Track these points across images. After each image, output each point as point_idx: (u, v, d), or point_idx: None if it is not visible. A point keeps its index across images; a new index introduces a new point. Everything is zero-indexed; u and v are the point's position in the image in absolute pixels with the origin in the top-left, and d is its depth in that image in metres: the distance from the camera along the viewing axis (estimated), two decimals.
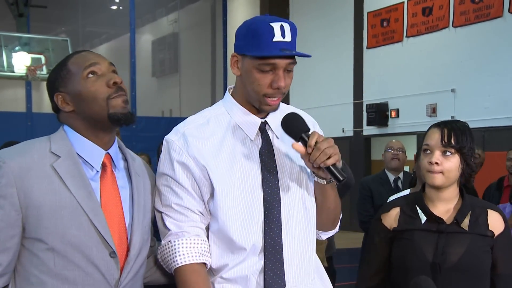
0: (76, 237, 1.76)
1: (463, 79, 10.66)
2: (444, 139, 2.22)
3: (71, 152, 1.83)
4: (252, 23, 1.93)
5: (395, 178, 5.46)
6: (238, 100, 2.02)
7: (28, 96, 13.81)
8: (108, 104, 1.83)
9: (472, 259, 2.23)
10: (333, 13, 13.75)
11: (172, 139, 1.97)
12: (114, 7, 18.22)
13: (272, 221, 1.92)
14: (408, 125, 11.76)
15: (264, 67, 1.89)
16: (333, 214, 2.09)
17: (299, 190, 2.00)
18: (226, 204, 1.92)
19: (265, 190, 1.94)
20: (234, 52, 1.99)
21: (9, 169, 1.74)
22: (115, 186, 1.89)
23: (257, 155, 1.96)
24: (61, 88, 1.88)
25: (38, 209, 1.75)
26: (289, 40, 1.90)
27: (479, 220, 2.29)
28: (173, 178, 1.95)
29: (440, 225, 2.26)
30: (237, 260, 1.92)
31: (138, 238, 1.88)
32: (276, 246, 1.92)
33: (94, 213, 1.79)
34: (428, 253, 2.24)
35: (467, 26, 10.68)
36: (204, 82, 17.37)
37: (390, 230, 2.35)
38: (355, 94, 13.28)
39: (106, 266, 1.80)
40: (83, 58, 1.90)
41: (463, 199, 2.32)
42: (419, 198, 2.35)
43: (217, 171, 1.92)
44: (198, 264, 1.91)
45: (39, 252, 1.77)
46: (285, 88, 1.93)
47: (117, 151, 1.95)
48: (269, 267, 1.91)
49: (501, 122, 9.83)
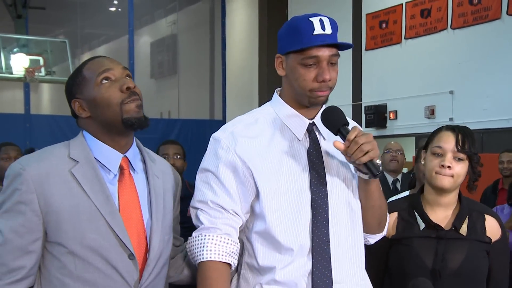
0: (94, 240, 1.81)
1: (461, 81, 10.66)
2: (459, 144, 2.21)
3: (89, 157, 1.88)
4: (291, 21, 1.98)
5: (393, 180, 5.47)
6: (286, 101, 2.03)
7: (26, 98, 13.77)
8: (122, 109, 1.87)
9: (471, 265, 2.23)
10: (332, 15, 13.54)
11: (220, 136, 1.99)
12: (113, 8, 18.19)
13: (319, 221, 1.93)
14: (406, 127, 11.75)
15: (307, 61, 1.91)
16: (378, 213, 2.07)
17: (345, 191, 2.01)
18: (273, 204, 1.93)
19: (313, 190, 1.94)
20: (278, 53, 2.01)
21: (28, 176, 1.80)
22: (133, 188, 1.93)
23: (305, 155, 1.97)
24: (77, 95, 1.93)
25: (57, 214, 1.80)
26: (329, 32, 1.94)
27: (477, 225, 2.29)
28: (215, 175, 1.96)
29: (439, 232, 2.26)
30: (285, 261, 1.92)
31: (158, 239, 1.92)
32: (324, 246, 1.93)
33: (111, 217, 1.83)
34: (428, 260, 2.24)
35: (465, 28, 10.68)
36: (203, 83, 17.35)
37: (389, 238, 2.34)
38: (353, 95, 13.27)
39: (125, 268, 1.84)
40: (97, 64, 1.93)
41: (461, 204, 2.32)
42: (417, 203, 2.33)
43: (263, 171, 1.93)
44: (223, 264, 1.92)
45: (60, 256, 1.82)
46: (331, 82, 1.96)
47: (135, 154, 1.99)
48: (318, 267, 1.92)
49: (499, 124, 9.83)
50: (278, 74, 2.04)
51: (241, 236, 2.03)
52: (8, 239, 1.79)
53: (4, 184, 1.87)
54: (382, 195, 2.08)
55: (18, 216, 1.80)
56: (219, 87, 16.66)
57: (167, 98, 17.81)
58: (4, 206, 1.83)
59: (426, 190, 2.34)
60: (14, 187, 1.81)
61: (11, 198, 1.81)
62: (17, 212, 1.80)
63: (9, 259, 1.80)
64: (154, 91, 18.96)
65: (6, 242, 1.80)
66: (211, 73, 17.35)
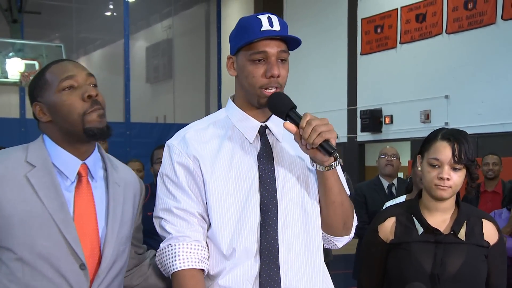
0: (45, 248, 1.75)
1: (456, 85, 10.70)
2: (455, 155, 2.20)
3: (47, 162, 1.83)
4: (240, 21, 1.97)
5: (389, 184, 5.46)
6: (238, 104, 2.02)
7: (21, 102, 13.77)
8: (84, 119, 1.82)
9: (470, 269, 2.23)
10: (327, 20, 13.78)
11: (173, 143, 2.00)
12: (108, 13, 18.19)
13: (268, 224, 1.90)
14: (402, 131, 11.78)
15: (255, 56, 1.90)
16: (339, 210, 2.00)
17: (298, 193, 1.98)
18: (219, 207, 1.92)
19: (262, 193, 1.92)
20: (229, 55, 2.01)
21: None
22: (90, 196, 1.87)
23: (255, 158, 1.95)
24: (38, 98, 1.88)
25: (8, 219, 1.74)
26: (277, 29, 1.91)
27: (475, 230, 2.29)
28: (172, 180, 1.96)
29: (438, 236, 2.25)
30: (231, 264, 1.90)
31: (111, 249, 1.86)
32: (272, 250, 1.90)
33: (65, 225, 1.77)
34: (427, 264, 2.23)
35: (460, 32, 10.72)
36: (198, 88, 17.36)
37: (387, 242, 2.33)
38: (349, 100, 13.29)
39: (76, 278, 1.78)
40: (60, 68, 1.87)
41: (459, 208, 2.31)
42: (415, 207, 2.33)
43: (213, 175, 1.92)
44: (197, 270, 1.90)
45: (8, 261, 1.76)
46: (281, 78, 1.92)
47: (95, 161, 1.93)
48: (265, 270, 1.89)
49: (494, 128, 9.86)
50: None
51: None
52: None
53: None
54: (344, 192, 2.01)
55: None
56: (215, 91, 16.67)
57: (163, 103, 17.80)
58: None
59: (424, 196, 2.33)
60: None
61: None
62: None
63: None
64: (149, 95, 18.96)
65: None
66: (206, 78, 17.36)
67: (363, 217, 5.13)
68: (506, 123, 9.72)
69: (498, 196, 6.09)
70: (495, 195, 6.17)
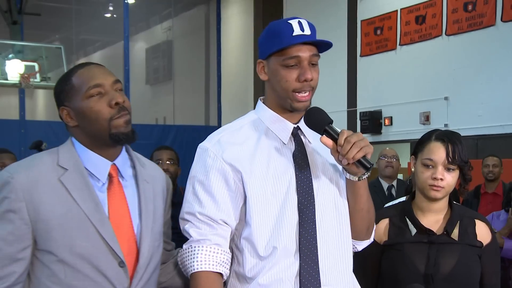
0: (84, 248, 1.80)
1: (456, 87, 10.69)
2: (449, 156, 2.22)
3: (78, 164, 1.87)
4: (271, 26, 2.00)
5: (389, 186, 5.47)
6: (270, 107, 2.04)
7: (21, 104, 13.75)
8: (110, 124, 1.86)
9: (464, 269, 2.24)
10: (327, 22, 13.78)
11: (207, 146, 2.01)
12: (108, 15, 18.20)
13: (306, 223, 1.94)
14: (401, 133, 11.78)
15: (288, 62, 1.93)
16: (366, 217, 2.07)
17: (332, 192, 2.02)
18: (259, 208, 1.94)
19: (299, 192, 1.95)
20: (259, 59, 2.02)
21: (17, 184, 1.78)
22: (122, 196, 1.92)
23: (291, 158, 1.98)
24: (65, 102, 1.91)
25: (46, 223, 1.79)
26: (308, 33, 1.95)
27: (468, 230, 2.31)
28: (202, 184, 1.97)
29: (431, 236, 2.27)
30: (270, 263, 1.92)
31: (147, 245, 1.91)
32: (311, 248, 1.93)
33: (101, 224, 1.82)
34: (420, 265, 2.24)
35: (460, 34, 10.72)
36: (198, 90, 17.35)
37: (381, 244, 2.35)
38: (348, 102, 13.29)
39: (116, 276, 1.83)
40: (88, 74, 1.90)
41: (452, 209, 2.33)
42: (408, 208, 2.34)
43: (252, 176, 1.94)
44: (214, 273, 1.93)
45: (50, 264, 1.81)
46: (313, 82, 1.96)
47: (124, 160, 1.98)
48: (305, 268, 1.92)
49: (494, 130, 9.85)
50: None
51: (231, 244, 2.03)
52: None
53: None
54: (370, 199, 2.08)
55: (7, 224, 1.78)
56: (214, 93, 16.66)
57: (162, 104, 17.81)
58: None
59: (417, 197, 2.35)
60: (2, 195, 1.79)
61: (0, 207, 1.79)
62: (6, 220, 1.79)
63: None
64: (149, 97, 18.96)
65: None
66: (206, 79, 17.36)
67: None
68: (506, 124, 9.71)
69: (498, 198, 6.10)
70: (496, 196, 6.18)
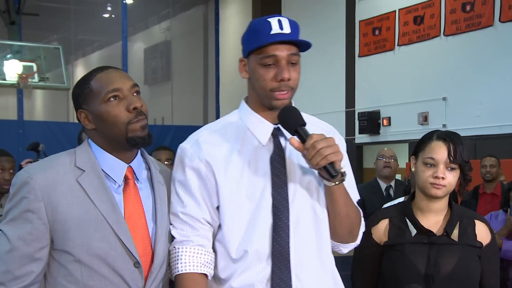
0: (101, 249, 1.83)
1: (454, 87, 10.70)
2: (451, 155, 2.23)
3: (95, 166, 1.90)
4: (251, 23, 1.99)
5: (387, 186, 5.47)
6: (251, 106, 2.03)
7: (19, 104, 13.75)
8: (127, 128, 1.89)
9: (464, 269, 2.25)
10: (325, 22, 13.78)
11: (186, 146, 2.01)
12: (106, 15, 18.19)
13: (280, 227, 1.91)
14: (400, 133, 11.78)
15: (265, 60, 1.90)
16: (345, 221, 2.02)
17: (309, 196, 1.98)
18: (231, 210, 1.93)
19: (274, 196, 1.93)
20: (241, 57, 2.01)
21: (36, 184, 1.82)
22: (138, 197, 1.95)
23: (268, 160, 1.96)
24: (84, 106, 1.94)
25: (64, 223, 1.82)
26: (288, 31, 1.92)
27: (468, 230, 2.31)
28: (183, 184, 1.97)
29: (431, 237, 2.27)
30: (242, 266, 1.91)
31: (162, 247, 1.94)
32: (283, 252, 1.91)
33: (118, 225, 1.85)
34: (421, 265, 2.25)
35: (458, 35, 10.73)
36: (197, 90, 17.36)
37: (381, 244, 2.35)
38: (347, 102, 13.29)
39: (131, 276, 1.86)
40: (107, 79, 1.93)
41: (452, 210, 2.33)
42: (408, 209, 2.35)
43: (226, 178, 1.93)
44: (199, 274, 1.92)
45: (66, 263, 1.84)
46: (292, 82, 1.94)
47: (139, 163, 2.01)
48: (277, 273, 1.90)
49: (492, 130, 9.86)
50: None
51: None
52: (16, 246, 1.81)
53: (11, 192, 1.88)
54: (350, 203, 2.03)
55: (25, 224, 1.82)
56: (213, 93, 16.67)
57: (161, 104, 17.81)
58: (11, 214, 1.84)
59: (417, 197, 2.36)
60: (21, 195, 1.83)
61: (18, 206, 1.83)
62: (25, 220, 1.82)
63: (15, 266, 1.81)
64: (147, 97, 18.95)
65: (13, 250, 1.81)
66: (204, 79, 17.36)
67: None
68: (504, 125, 9.72)
69: (497, 198, 6.10)
70: (494, 197, 6.19)
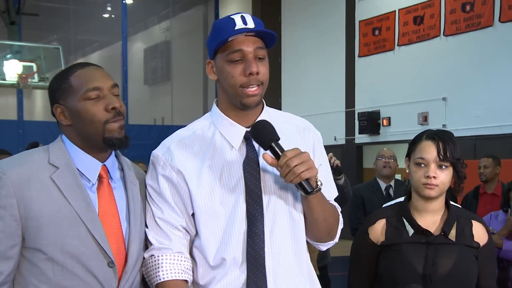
0: (75, 247, 1.79)
1: (454, 87, 10.71)
2: (440, 153, 2.22)
3: (69, 163, 1.86)
4: (214, 23, 1.96)
5: (386, 186, 5.46)
6: (222, 109, 1.99)
7: (19, 104, 13.77)
8: (105, 128, 1.85)
9: (461, 269, 2.25)
10: (325, 22, 13.79)
11: (158, 153, 1.98)
12: (106, 15, 18.20)
13: (255, 233, 1.89)
14: (399, 133, 11.79)
15: (232, 56, 1.87)
16: (323, 226, 1.99)
17: (285, 201, 1.95)
18: (206, 218, 1.91)
19: (248, 202, 1.90)
20: (208, 59, 1.99)
21: (9, 180, 1.77)
22: (112, 197, 1.91)
23: (241, 166, 1.92)
24: (61, 101, 1.90)
25: (37, 220, 1.77)
26: (252, 26, 1.88)
27: (465, 231, 2.31)
28: (156, 192, 1.95)
29: (428, 237, 2.27)
30: (220, 274, 1.90)
31: (136, 247, 1.91)
32: (258, 258, 1.89)
33: (92, 224, 1.81)
34: (418, 265, 2.24)
35: (458, 35, 10.74)
36: (196, 90, 17.37)
37: (378, 244, 2.35)
38: (347, 102, 13.30)
39: (105, 276, 1.82)
40: (87, 76, 1.89)
41: (449, 210, 2.33)
42: (405, 209, 2.34)
43: (199, 186, 1.91)
44: (181, 281, 1.91)
45: (38, 262, 1.79)
46: (261, 76, 1.89)
47: (113, 162, 1.97)
48: (252, 279, 1.88)
49: (492, 130, 9.87)
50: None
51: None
52: None
53: None
54: (328, 208, 1.99)
55: None
56: (212, 93, 16.67)
57: (161, 105, 17.82)
58: None
59: (413, 198, 2.35)
60: None
61: None
62: None
63: None
64: (147, 97, 18.97)
65: None
66: (204, 79, 17.37)
67: (360, 219, 5.13)
68: (504, 125, 9.73)
69: (497, 198, 6.08)
70: (494, 197, 6.17)
